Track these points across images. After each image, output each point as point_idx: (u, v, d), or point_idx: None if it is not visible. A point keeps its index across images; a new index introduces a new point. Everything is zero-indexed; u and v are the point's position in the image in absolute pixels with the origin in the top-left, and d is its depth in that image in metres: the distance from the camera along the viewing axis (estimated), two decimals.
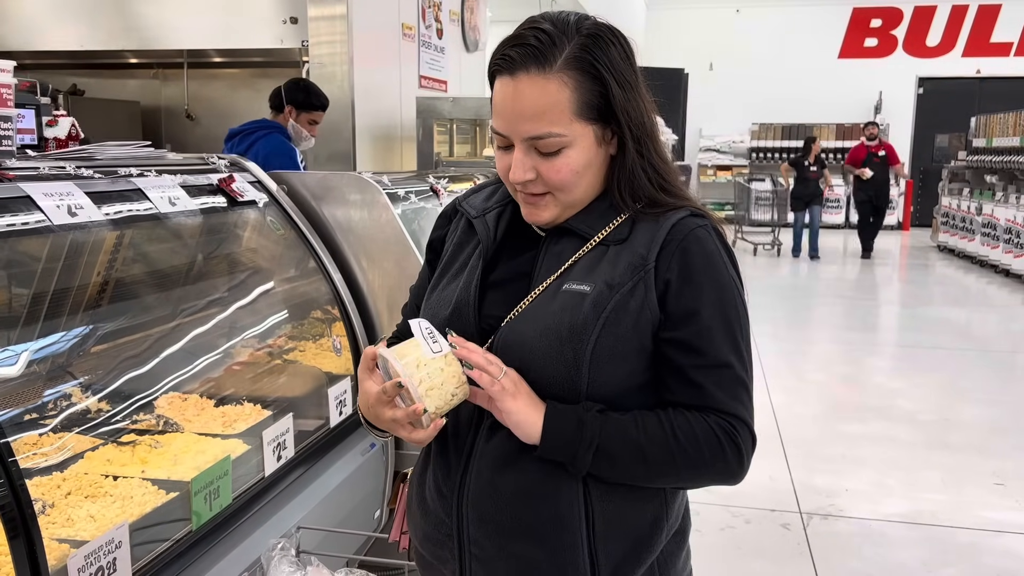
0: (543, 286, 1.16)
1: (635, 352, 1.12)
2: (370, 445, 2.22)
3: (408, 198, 2.55)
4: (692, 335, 1.11)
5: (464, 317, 1.19)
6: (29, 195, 1.46)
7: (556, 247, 1.18)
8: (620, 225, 1.16)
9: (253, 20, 4.41)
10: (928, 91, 14.78)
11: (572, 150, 1.11)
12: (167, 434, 1.88)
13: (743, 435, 1.13)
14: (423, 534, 1.25)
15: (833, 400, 5.25)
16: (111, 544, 1.32)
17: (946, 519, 3.53)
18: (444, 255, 1.30)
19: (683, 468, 1.13)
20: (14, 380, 1.73)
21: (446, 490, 1.20)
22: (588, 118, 1.11)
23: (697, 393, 1.12)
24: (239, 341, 2.21)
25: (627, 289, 1.11)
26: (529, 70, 1.09)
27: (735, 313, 1.14)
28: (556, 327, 1.11)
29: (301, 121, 3.79)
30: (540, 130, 1.10)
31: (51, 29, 4.70)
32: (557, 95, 1.09)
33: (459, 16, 5.44)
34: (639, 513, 1.16)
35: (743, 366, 1.14)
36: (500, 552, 1.16)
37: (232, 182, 2.07)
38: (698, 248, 1.13)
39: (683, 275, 1.12)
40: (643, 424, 1.11)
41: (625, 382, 1.13)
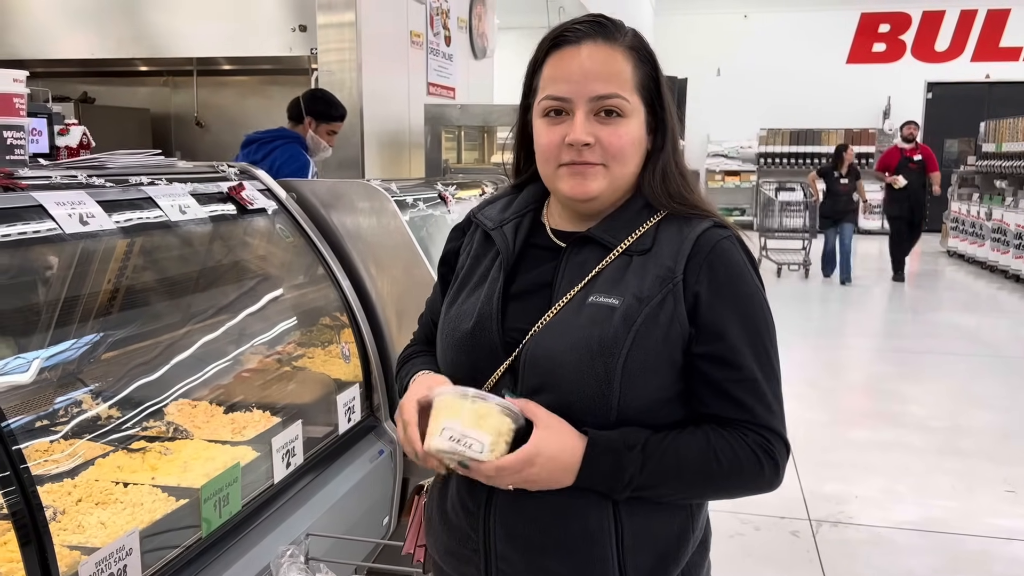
0: (567, 298, 1.15)
1: (666, 365, 1.12)
2: (378, 452, 2.23)
3: (416, 205, 2.56)
4: (726, 349, 1.12)
5: (487, 330, 1.18)
6: (41, 204, 1.47)
7: (578, 257, 1.18)
8: (643, 235, 1.16)
9: (262, 28, 4.43)
10: (937, 96, 14.75)
11: (632, 120, 1.15)
12: (177, 441, 1.89)
13: (779, 448, 1.14)
14: (445, 549, 1.24)
15: (843, 406, 5.24)
16: (122, 551, 1.33)
17: (957, 526, 3.51)
18: (460, 268, 1.29)
19: (722, 488, 1.16)
20: (26, 387, 1.75)
21: (472, 505, 1.19)
22: (642, 97, 1.16)
23: (734, 407, 1.12)
24: (248, 348, 2.22)
25: (656, 302, 1.11)
26: (597, 41, 1.15)
27: (764, 324, 1.15)
28: (586, 341, 1.10)
29: (320, 132, 3.81)
30: (609, 89, 1.13)
31: (62, 38, 4.74)
32: (622, 64, 1.15)
33: (467, 23, 5.46)
34: (666, 526, 1.17)
35: (775, 376, 1.15)
36: (529, 567, 1.16)
37: (242, 190, 2.09)
38: (725, 260, 1.14)
39: (712, 288, 1.12)
40: (684, 452, 1.11)
41: (656, 395, 1.12)
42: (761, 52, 15.00)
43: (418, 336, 1.40)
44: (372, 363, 2.29)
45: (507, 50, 7.19)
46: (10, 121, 1.61)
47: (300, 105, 3.82)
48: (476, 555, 1.19)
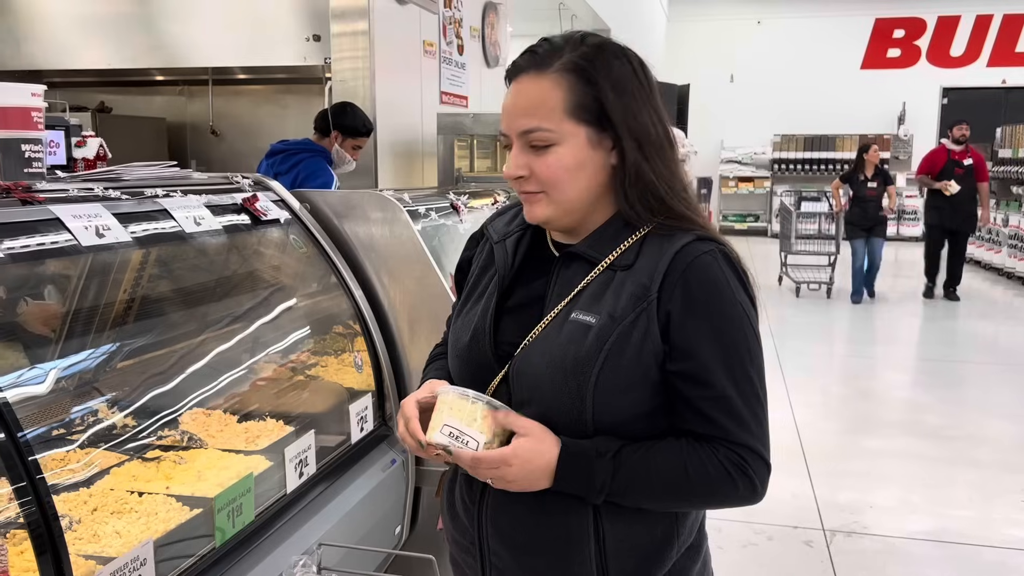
0: (553, 314, 1.19)
1: (639, 382, 1.13)
2: (391, 461, 2.23)
3: (429, 215, 2.57)
4: (698, 368, 1.12)
5: (480, 344, 1.24)
6: (59, 217, 1.49)
7: (567, 272, 1.21)
8: (627, 250, 1.17)
9: (277, 38, 4.46)
10: (952, 101, 14.65)
11: (562, 148, 1.15)
12: (191, 450, 1.90)
13: (755, 465, 1.14)
14: (452, 538, 1.35)
15: (856, 415, 5.21)
16: (136, 561, 1.34)
17: (973, 537, 3.48)
18: (470, 278, 1.34)
19: (694, 500, 1.19)
20: (43, 397, 1.77)
21: (469, 502, 1.27)
22: (580, 119, 1.14)
23: (708, 424, 1.13)
24: (262, 357, 2.23)
25: (630, 321, 1.12)
26: (528, 73, 1.16)
27: (743, 342, 1.14)
28: (562, 359, 1.14)
29: (345, 146, 3.82)
30: (530, 124, 1.14)
31: (79, 48, 4.79)
32: (549, 93, 1.14)
33: (479, 32, 5.48)
34: (649, 531, 1.20)
35: (754, 394, 1.14)
36: (516, 564, 1.23)
37: (256, 201, 2.10)
38: (702, 277, 1.13)
39: (685, 306, 1.12)
40: (656, 463, 1.13)
41: (630, 411, 1.15)
42: (775, 58, 14.98)
43: (445, 336, 1.45)
44: (384, 372, 2.30)
45: None
46: (28, 135, 1.63)
47: (327, 118, 3.83)
48: (473, 547, 1.27)
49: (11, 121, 1.62)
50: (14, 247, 1.43)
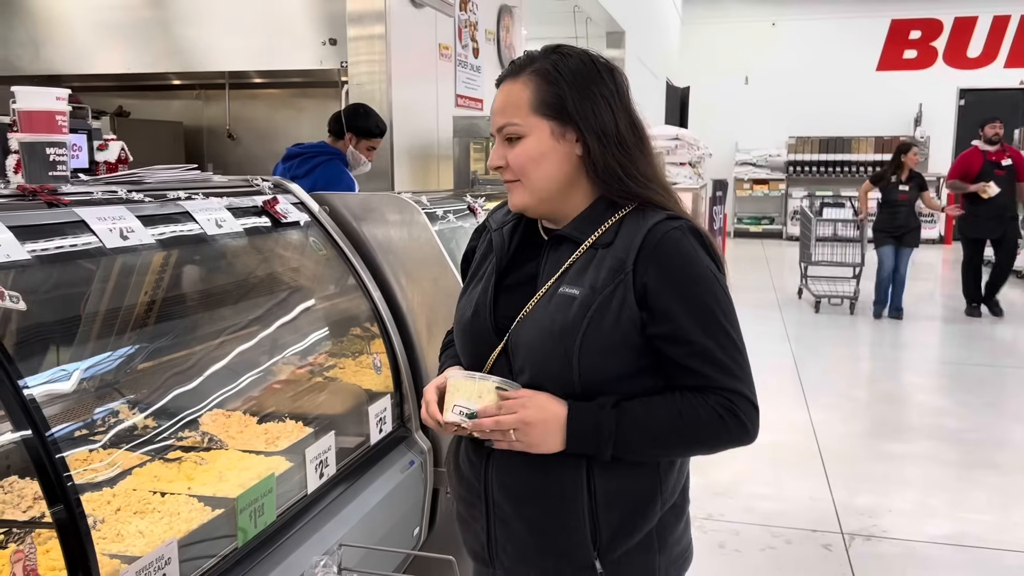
0: (544, 289, 1.35)
1: (619, 345, 1.29)
2: (409, 463, 2.24)
3: (446, 217, 2.58)
4: (676, 328, 1.28)
5: (482, 318, 1.40)
6: (84, 220, 1.51)
7: (556, 253, 1.37)
8: (607, 230, 1.34)
9: (293, 42, 4.48)
10: (970, 103, 14.55)
11: (528, 139, 1.33)
12: (212, 451, 1.92)
13: (743, 406, 1.30)
14: (459, 495, 1.49)
15: (875, 418, 5.17)
16: (161, 560, 1.35)
17: (993, 541, 3.45)
18: (473, 265, 1.52)
19: (692, 444, 1.33)
20: (67, 397, 1.78)
21: (475, 459, 1.42)
22: (543, 114, 1.32)
23: (695, 377, 1.29)
24: (281, 359, 2.24)
25: (609, 291, 1.28)
26: (507, 79, 1.37)
27: (713, 300, 1.29)
28: (550, 327, 1.30)
29: (360, 148, 3.84)
30: (504, 120, 1.34)
31: (98, 53, 4.83)
32: (519, 94, 1.34)
33: (495, 35, 5.49)
34: (636, 487, 1.35)
35: (731, 343, 1.30)
36: (517, 514, 1.38)
37: (276, 204, 2.12)
38: (672, 249, 1.29)
39: (659, 276, 1.28)
40: (653, 411, 1.29)
41: (614, 371, 1.30)
42: (789, 60, 14.92)
43: (446, 339, 1.64)
44: (403, 374, 2.31)
45: None
46: (53, 138, 1.65)
47: (341, 120, 3.84)
48: (479, 501, 1.42)
49: (36, 125, 1.64)
50: (40, 248, 1.44)
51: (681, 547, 1.44)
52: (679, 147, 7.26)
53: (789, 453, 4.41)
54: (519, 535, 1.38)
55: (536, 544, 1.37)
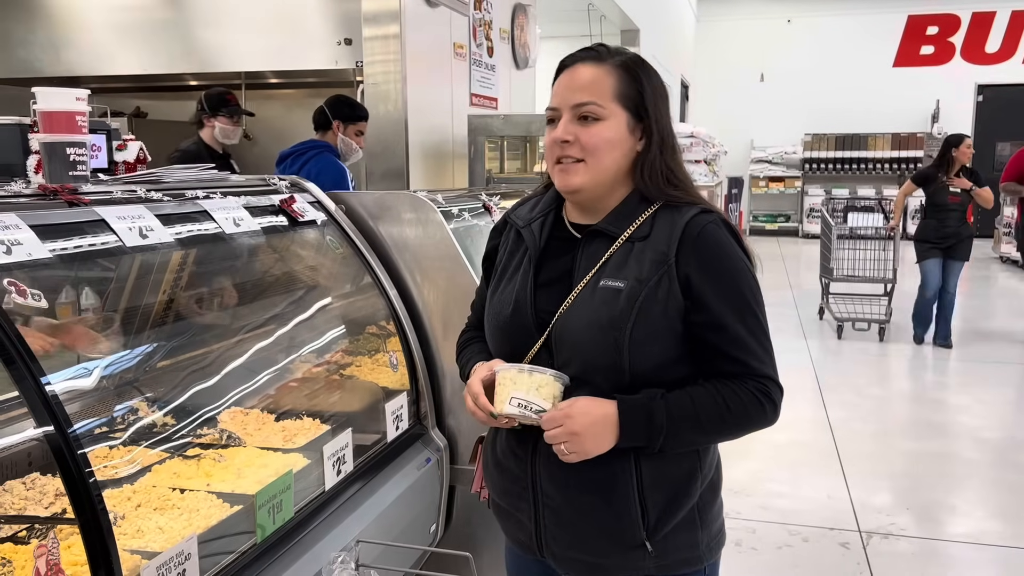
0: (583, 283, 1.38)
1: (666, 333, 1.34)
2: (426, 460, 2.25)
3: (461, 215, 2.58)
4: (717, 316, 1.34)
5: (523, 314, 1.43)
6: (104, 219, 1.52)
7: (590, 248, 1.41)
8: (642, 224, 1.39)
9: (309, 42, 4.50)
10: (988, 98, 14.42)
11: (606, 123, 1.37)
12: (230, 448, 1.93)
13: (774, 389, 1.38)
14: (501, 489, 1.51)
15: (892, 416, 5.14)
16: (181, 556, 1.37)
17: (1012, 540, 3.42)
18: (499, 263, 1.53)
19: (734, 428, 1.38)
20: (87, 394, 1.80)
21: (520, 452, 1.45)
22: (623, 105, 1.38)
23: (733, 363, 1.36)
24: (298, 357, 2.26)
25: (654, 282, 1.34)
26: (586, 63, 1.40)
27: (749, 290, 1.37)
28: (598, 320, 1.34)
29: (349, 134, 3.93)
30: (585, 98, 1.37)
31: (116, 54, 4.87)
32: (604, 78, 1.38)
33: (509, 34, 5.49)
34: (678, 467, 1.40)
35: (763, 332, 1.38)
36: (567, 501, 1.41)
37: (293, 202, 2.13)
38: (711, 241, 1.36)
39: (700, 266, 1.34)
40: (698, 399, 1.34)
41: (660, 358, 1.35)
42: (805, 56, 14.83)
43: (471, 321, 1.66)
44: (419, 371, 2.31)
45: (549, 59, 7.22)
46: (73, 138, 1.66)
47: (325, 112, 3.97)
48: (526, 492, 1.45)
49: (57, 125, 1.66)
50: (61, 247, 1.46)
51: (718, 524, 1.49)
52: (694, 144, 7.25)
53: (806, 451, 4.39)
54: (570, 522, 1.42)
55: (587, 530, 1.41)
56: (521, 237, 1.49)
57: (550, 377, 1.34)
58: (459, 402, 2.37)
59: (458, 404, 2.37)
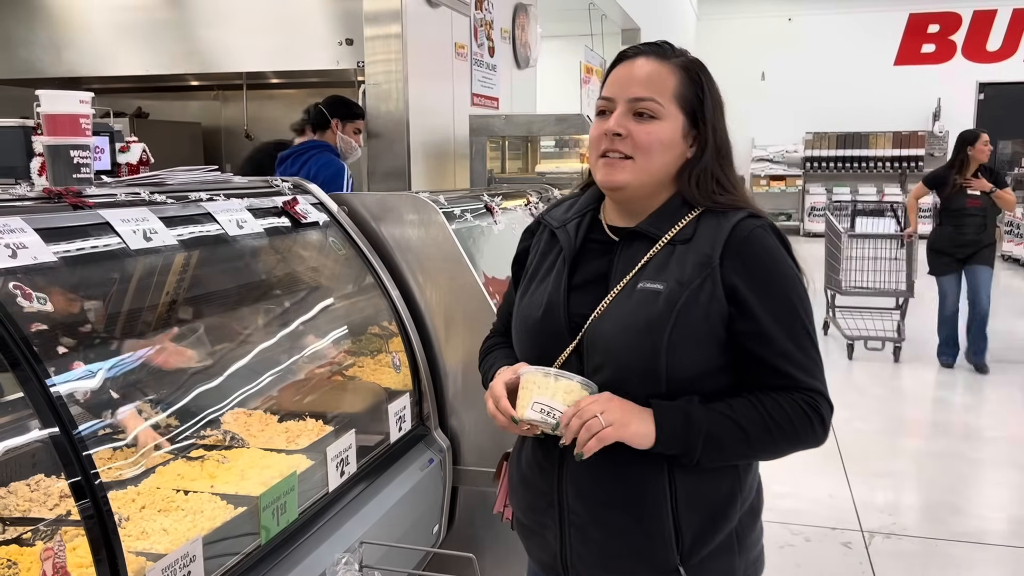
0: (620, 286, 1.32)
1: (708, 340, 1.27)
2: (428, 461, 2.25)
3: (464, 216, 2.59)
4: (763, 326, 1.27)
5: (555, 316, 1.36)
6: (108, 221, 1.53)
7: (629, 250, 1.35)
8: (685, 226, 1.32)
9: (310, 42, 4.50)
10: (989, 97, 14.40)
11: (663, 123, 1.31)
12: (233, 449, 1.93)
13: (823, 405, 1.29)
14: (525, 504, 1.43)
15: (894, 415, 5.14)
16: (186, 558, 1.37)
17: (1016, 539, 3.43)
18: (530, 265, 1.47)
19: (780, 442, 1.29)
20: (91, 396, 1.80)
21: (547, 465, 1.37)
22: (681, 107, 1.32)
23: (779, 377, 1.28)
24: (301, 358, 2.26)
25: (696, 285, 1.26)
26: (649, 57, 1.34)
27: (798, 299, 1.30)
28: (635, 323, 1.27)
29: (347, 132, 3.94)
30: (644, 93, 1.31)
31: (118, 55, 4.87)
32: (666, 76, 1.32)
33: (510, 34, 5.49)
34: (716, 488, 1.32)
35: (812, 344, 1.30)
36: (595, 520, 1.33)
37: (296, 204, 2.13)
38: (760, 246, 1.29)
39: (747, 272, 1.27)
40: (740, 410, 1.26)
41: (700, 366, 1.28)
42: (806, 55, 14.82)
43: (496, 327, 1.59)
44: (422, 372, 2.32)
45: (550, 59, 7.22)
46: (77, 141, 1.67)
47: (323, 112, 3.98)
48: (551, 508, 1.36)
49: (60, 128, 1.66)
50: (66, 250, 1.46)
51: (757, 550, 1.40)
52: None
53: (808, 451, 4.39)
54: (597, 542, 1.33)
55: (616, 550, 1.32)
56: (555, 238, 1.43)
57: (577, 384, 1.27)
58: (462, 403, 2.37)
59: (461, 405, 2.37)
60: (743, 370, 1.29)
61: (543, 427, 1.27)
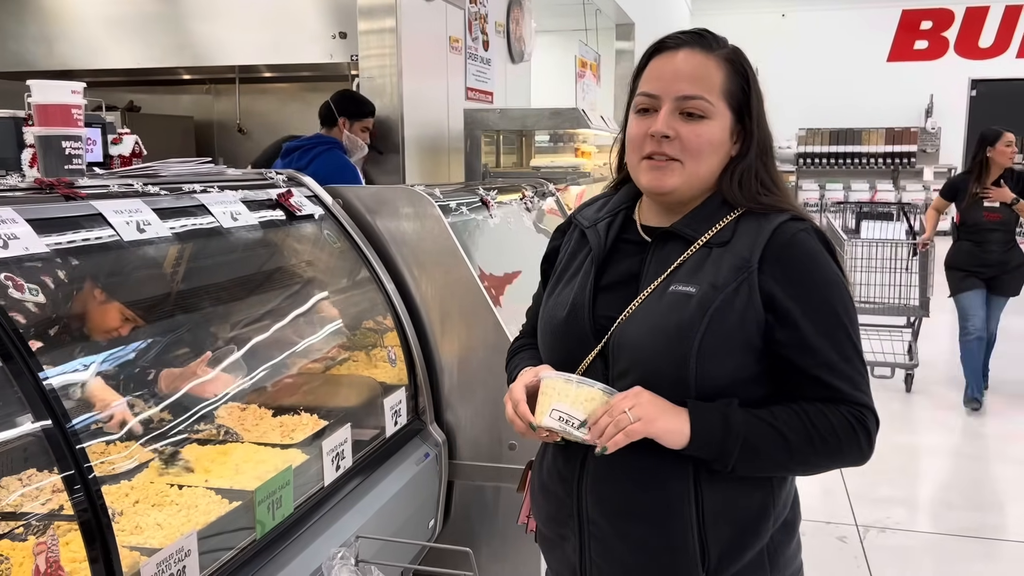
0: (651, 288, 1.24)
1: (741, 348, 1.19)
2: (424, 455, 2.24)
3: (459, 210, 2.57)
4: (808, 335, 1.19)
5: (579, 318, 1.29)
6: (101, 213, 1.51)
7: (662, 251, 1.28)
8: (723, 228, 1.24)
9: (303, 35, 4.48)
10: (981, 93, 14.44)
11: (713, 122, 1.23)
12: (227, 444, 1.92)
13: (870, 421, 1.21)
14: (546, 515, 1.36)
15: (889, 410, 5.15)
16: (181, 552, 1.36)
17: (1011, 533, 3.44)
18: (559, 264, 1.41)
19: (822, 456, 1.21)
20: (84, 390, 1.79)
21: (567, 473, 1.30)
22: (729, 104, 1.24)
23: (823, 389, 1.20)
24: (296, 352, 2.24)
25: (732, 289, 1.19)
26: (693, 48, 1.25)
27: (843, 307, 1.21)
28: (664, 327, 1.20)
29: (355, 131, 3.89)
30: (695, 91, 1.22)
31: (109, 48, 4.84)
32: (714, 71, 1.24)
33: (504, 28, 5.47)
34: (747, 501, 1.23)
35: (858, 355, 1.22)
36: (616, 532, 1.26)
37: (290, 197, 2.12)
38: (802, 250, 1.21)
39: (789, 277, 1.19)
40: (781, 417, 1.19)
41: (733, 375, 1.20)
42: (800, 51, 14.81)
43: (525, 328, 1.52)
44: (417, 366, 2.31)
45: (544, 53, 7.20)
46: (69, 132, 1.65)
47: (331, 108, 3.91)
48: (571, 519, 1.30)
49: (52, 118, 1.64)
50: (58, 241, 1.44)
51: (794, 567, 1.32)
52: None
53: None
54: (618, 556, 1.26)
55: (638, 565, 1.25)
56: (585, 238, 1.36)
57: (599, 392, 1.20)
58: (458, 397, 2.36)
59: (457, 399, 2.36)
60: (783, 381, 1.22)
61: (563, 435, 1.21)
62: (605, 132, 4.91)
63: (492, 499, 2.34)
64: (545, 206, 3.31)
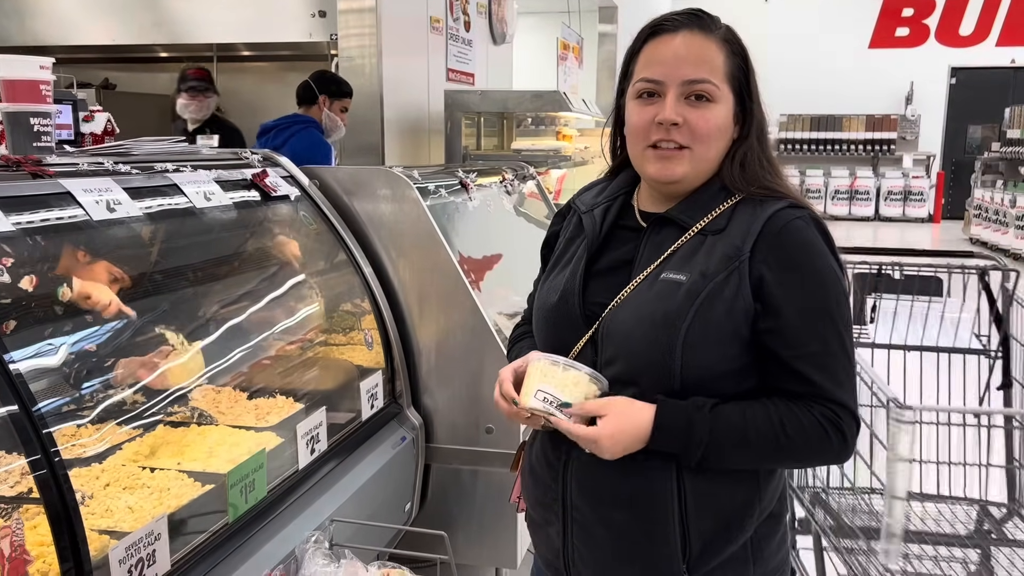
0: (643, 275, 1.23)
1: (728, 338, 1.17)
2: (401, 438, 2.23)
3: (438, 192, 2.55)
4: (792, 326, 1.16)
5: (569, 304, 1.28)
6: (69, 191, 1.48)
7: (657, 237, 1.26)
8: (719, 216, 1.22)
9: (282, 14, 4.42)
10: (961, 81, 14.54)
11: (719, 106, 1.21)
12: (201, 426, 1.90)
13: (847, 421, 1.18)
14: (533, 498, 1.37)
15: None
16: (151, 536, 1.34)
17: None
18: (556, 249, 1.40)
19: (789, 458, 1.21)
20: (53, 372, 1.76)
21: (553, 459, 1.30)
22: (731, 87, 1.23)
23: (801, 382, 1.17)
24: (271, 334, 2.22)
25: (721, 278, 1.17)
26: (692, 30, 1.22)
27: (834, 301, 1.18)
28: (651, 315, 1.19)
29: (334, 110, 3.86)
30: (700, 74, 1.20)
31: (84, 24, 4.75)
32: (716, 54, 1.21)
33: (486, 9, 5.43)
34: (730, 493, 1.22)
35: (844, 351, 1.18)
36: (598, 518, 1.26)
37: (265, 177, 2.09)
38: (795, 239, 1.18)
39: (779, 266, 1.17)
40: (752, 419, 1.17)
41: (718, 366, 1.18)
42: (781, 37, 14.81)
43: (525, 315, 1.51)
44: (394, 349, 2.29)
45: (526, 35, 7.15)
46: (37, 108, 1.61)
47: (311, 87, 3.89)
48: (556, 504, 1.30)
49: (19, 94, 1.61)
50: (25, 221, 1.42)
51: (778, 559, 1.30)
52: None
53: None
54: (599, 543, 1.26)
55: (618, 553, 1.25)
56: (583, 223, 1.35)
57: (585, 376, 1.19)
58: (435, 381, 2.35)
59: (434, 383, 2.36)
60: (764, 373, 1.19)
61: (546, 417, 1.20)
62: (587, 116, 4.90)
63: (469, 483, 2.34)
64: (526, 189, 3.29)
